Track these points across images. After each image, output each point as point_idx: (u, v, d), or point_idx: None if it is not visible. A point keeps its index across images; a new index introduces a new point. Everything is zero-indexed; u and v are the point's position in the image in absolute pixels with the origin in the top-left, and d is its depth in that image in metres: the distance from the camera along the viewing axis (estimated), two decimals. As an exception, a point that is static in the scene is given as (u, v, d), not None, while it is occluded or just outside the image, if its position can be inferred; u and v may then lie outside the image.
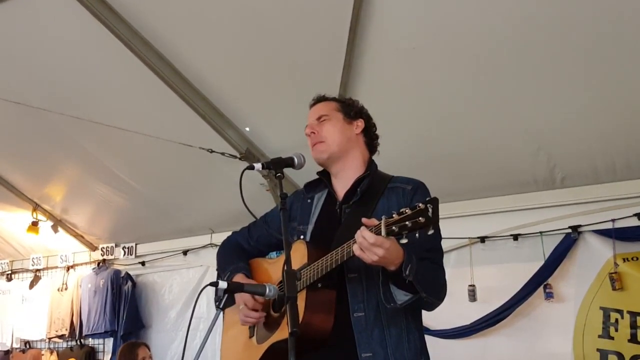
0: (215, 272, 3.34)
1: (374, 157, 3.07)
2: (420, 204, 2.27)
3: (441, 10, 4.09)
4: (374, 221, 2.40)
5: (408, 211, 2.28)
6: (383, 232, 2.33)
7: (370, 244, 2.35)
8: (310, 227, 2.93)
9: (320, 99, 3.10)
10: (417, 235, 2.27)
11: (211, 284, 2.54)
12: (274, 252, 3.28)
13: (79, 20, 4.75)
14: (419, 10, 4.14)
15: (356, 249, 2.41)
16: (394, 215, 2.32)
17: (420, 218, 2.24)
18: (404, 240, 2.31)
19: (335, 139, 2.93)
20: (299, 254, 2.71)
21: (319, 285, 2.64)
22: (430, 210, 2.24)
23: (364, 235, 2.37)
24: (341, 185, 2.95)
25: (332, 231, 2.77)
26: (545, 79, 4.33)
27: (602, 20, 3.85)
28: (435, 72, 4.52)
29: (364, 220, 2.43)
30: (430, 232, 2.26)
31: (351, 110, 3.02)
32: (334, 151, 2.92)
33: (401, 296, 2.52)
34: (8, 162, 7.08)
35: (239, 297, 2.89)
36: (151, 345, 7.43)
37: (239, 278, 2.98)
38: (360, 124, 3.01)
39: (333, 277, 2.65)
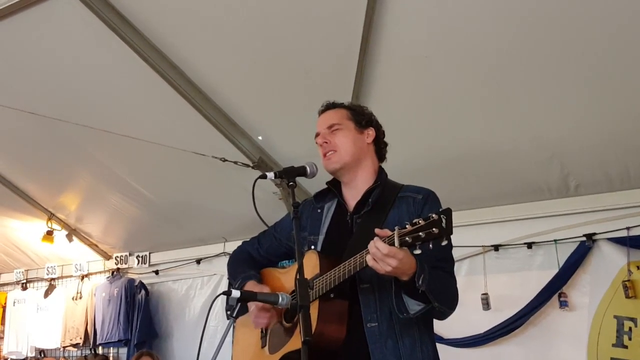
0: (228, 283, 3.35)
1: (384, 164, 3.06)
2: (433, 215, 2.26)
3: (453, 19, 4.09)
4: (387, 232, 2.39)
5: (421, 222, 2.28)
6: (396, 243, 2.33)
7: (383, 254, 2.35)
8: (321, 238, 2.92)
9: (330, 106, 3.08)
10: (430, 246, 2.27)
11: (224, 293, 2.54)
12: (286, 261, 3.28)
13: (93, 30, 4.78)
14: (431, 19, 4.14)
15: (369, 260, 2.40)
16: (407, 226, 2.32)
17: (434, 229, 2.25)
18: (418, 251, 2.32)
19: (348, 149, 2.91)
20: (310, 264, 2.70)
21: (332, 295, 2.63)
22: (444, 221, 2.24)
23: (377, 246, 2.36)
24: (352, 195, 2.94)
25: (344, 241, 2.77)
26: (558, 86, 4.32)
27: (616, 26, 3.84)
28: (448, 80, 4.52)
29: (377, 231, 2.42)
30: (444, 243, 2.26)
31: (362, 118, 3.00)
32: (347, 161, 2.90)
33: (414, 306, 2.52)
34: (23, 172, 7.12)
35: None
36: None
37: (251, 285, 2.98)
38: (371, 132, 2.99)
39: (345, 287, 2.64)
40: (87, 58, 5.17)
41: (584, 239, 5.06)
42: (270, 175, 2.78)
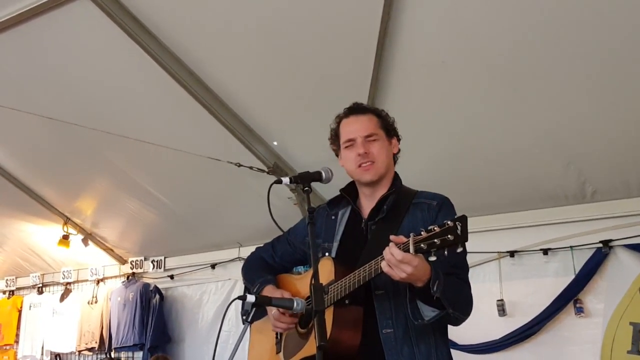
0: (243, 286, 3.34)
1: (396, 168, 3.05)
2: (449, 222, 2.26)
3: (469, 25, 4.09)
4: (402, 238, 2.39)
5: (437, 229, 2.28)
6: (411, 250, 2.32)
7: (398, 261, 2.34)
8: (335, 245, 2.92)
9: (361, 110, 2.99)
10: (445, 252, 2.27)
11: (239, 298, 2.54)
12: (301, 267, 3.27)
13: (110, 36, 4.82)
14: (448, 24, 4.14)
15: (384, 266, 2.40)
16: (422, 233, 2.32)
17: (449, 236, 2.24)
18: (433, 258, 2.31)
19: (384, 161, 2.88)
20: (325, 270, 2.70)
21: (346, 301, 2.63)
22: (459, 228, 2.24)
23: (392, 253, 2.36)
24: (367, 202, 2.93)
25: (358, 248, 2.77)
26: (575, 92, 4.31)
27: (635, 31, 3.82)
28: (464, 85, 4.51)
29: (392, 237, 2.42)
30: (459, 250, 2.25)
31: (390, 127, 2.97)
32: (382, 173, 2.89)
33: (428, 312, 2.51)
34: (40, 176, 7.17)
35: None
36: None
37: (269, 289, 2.98)
38: (395, 142, 2.97)
39: (360, 293, 2.64)
40: (104, 64, 5.21)
41: (601, 245, 5.02)
42: (286, 180, 2.78)
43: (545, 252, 5.29)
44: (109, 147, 6.07)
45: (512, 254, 5.44)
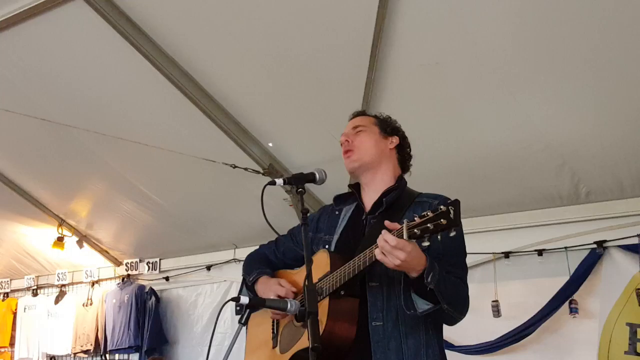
0: (239, 288, 3.35)
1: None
2: (442, 207, 2.27)
3: (464, 26, 4.09)
4: (396, 225, 2.40)
5: (430, 214, 2.29)
6: (405, 236, 2.33)
7: (392, 247, 2.35)
8: (336, 237, 2.94)
9: (359, 113, 3.14)
10: (439, 237, 2.28)
11: (233, 299, 2.54)
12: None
13: (105, 37, 4.81)
14: (442, 25, 4.14)
15: (378, 253, 2.40)
16: (415, 219, 2.32)
17: (441, 220, 2.25)
18: (426, 243, 2.32)
19: (368, 149, 2.94)
20: (322, 262, 2.71)
21: (342, 293, 2.63)
22: (451, 212, 2.25)
23: (385, 239, 2.37)
24: (369, 197, 2.95)
25: (357, 241, 2.77)
26: (570, 93, 4.31)
27: (630, 33, 3.83)
28: (459, 87, 4.52)
29: (386, 223, 2.43)
30: (452, 234, 2.26)
31: (388, 126, 3.04)
32: (366, 161, 2.93)
33: (422, 304, 2.51)
34: (34, 178, 7.15)
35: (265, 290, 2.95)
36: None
37: (264, 280, 3.01)
38: (395, 140, 3.02)
39: (356, 285, 2.64)
40: (99, 65, 5.20)
41: (595, 246, 5.04)
42: (279, 181, 2.79)
43: (540, 253, 5.30)
44: (103, 148, 6.06)
45: (507, 255, 5.44)
